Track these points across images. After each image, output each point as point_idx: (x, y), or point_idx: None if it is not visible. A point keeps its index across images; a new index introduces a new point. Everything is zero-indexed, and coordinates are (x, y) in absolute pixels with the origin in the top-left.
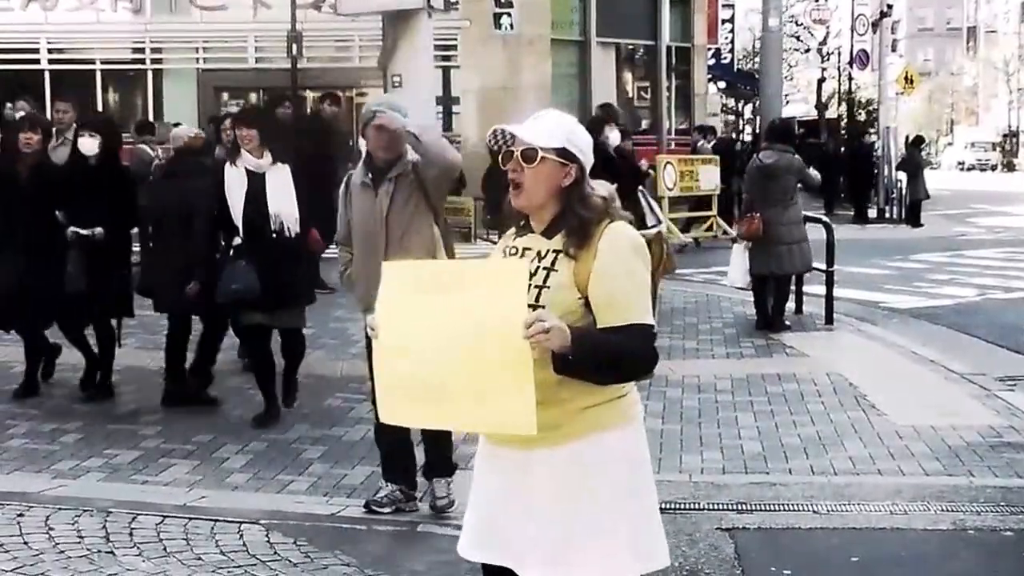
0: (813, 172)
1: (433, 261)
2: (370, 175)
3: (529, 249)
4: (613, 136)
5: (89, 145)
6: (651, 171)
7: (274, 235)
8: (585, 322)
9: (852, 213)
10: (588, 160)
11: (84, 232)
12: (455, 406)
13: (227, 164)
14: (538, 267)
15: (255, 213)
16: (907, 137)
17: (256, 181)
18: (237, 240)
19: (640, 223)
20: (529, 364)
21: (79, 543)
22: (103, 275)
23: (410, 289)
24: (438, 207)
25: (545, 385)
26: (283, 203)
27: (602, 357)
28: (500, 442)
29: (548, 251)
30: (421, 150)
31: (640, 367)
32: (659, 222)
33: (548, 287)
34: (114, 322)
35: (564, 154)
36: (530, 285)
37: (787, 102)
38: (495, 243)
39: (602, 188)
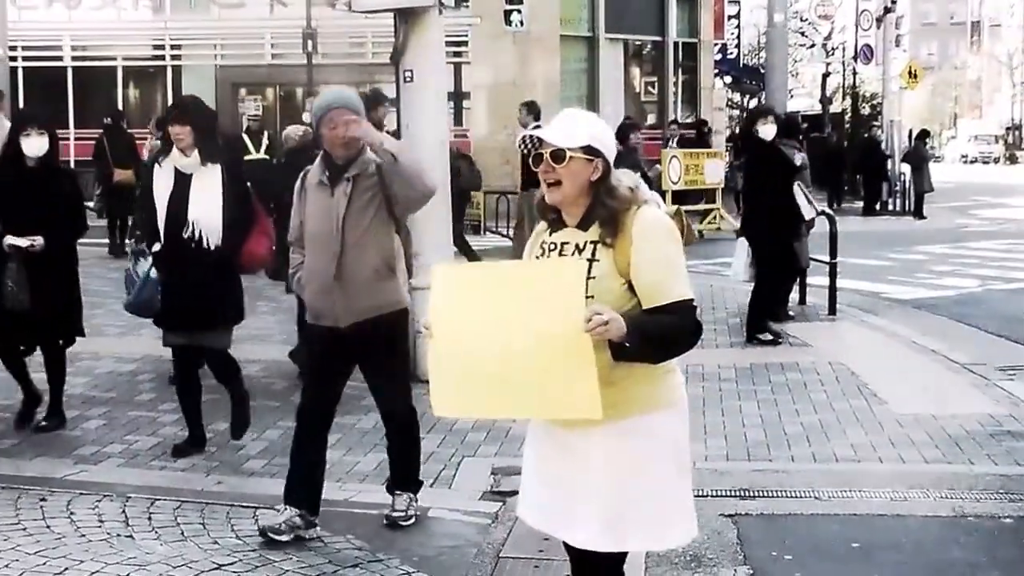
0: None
1: (485, 263)
2: (327, 173)
3: (567, 243)
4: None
5: (37, 145)
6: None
7: (192, 245)
8: (632, 305)
9: (860, 205)
10: (612, 153)
11: (21, 243)
12: (518, 396)
13: (155, 164)
14: (582, 260)
15: (175, 219)
16: (910, 131)
17: (182, 183)
18: (157, 246)
19: (795, 216)
20: (591, 354)
21: (99, 527)
22: (49, 292)
23: (464, 289)
24: (401, 220)
25: (599, 368)
26: (205, 210)
27: (655, 339)
28: (553, 421)
29: (586, 243)
30: (397, 170)
31: (689, 340)
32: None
33: (594, 277)
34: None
35: (589, 151)
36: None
37: (792, 96)
38: (503, 235)
39: (627, 178)
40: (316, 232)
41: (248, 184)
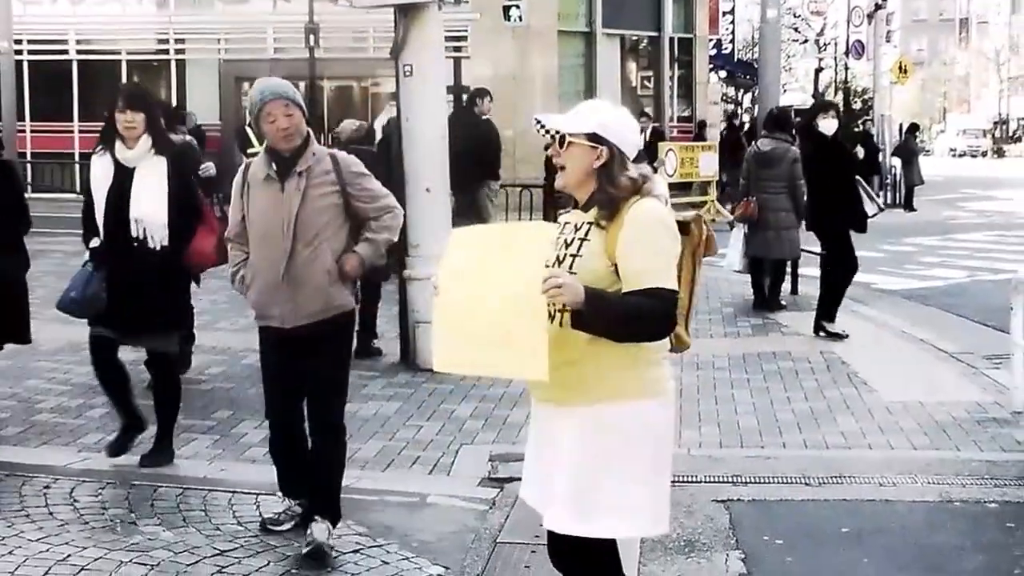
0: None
1: (486, 225)
2: (274, 167)
3: (569, 223)
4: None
5: None
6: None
7: (135, 244)
8: (615, 288)
9: None
10: (622, 143)
11: None
12: (487, 354)
13: (94, 154)
14: (574, 238)
15: (115, 215)
16: (900, 125)
17: (123, 176)
18: (95, 242)
19: (859, 211)
20: (544, 316)
21: (103, 514)
22: None
23: (462, 249)
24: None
25: (575, 343)
26: (149, 206)
27: (613, 315)
28: (539, 398)
29: (583, 223)
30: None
31: (651, 327)
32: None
33: (581, 255)
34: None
35: (594, 138)
36: (566, 254)
37: (785, 91)
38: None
39: (635, 169)
40: (264, 229)
41: (193, 177)
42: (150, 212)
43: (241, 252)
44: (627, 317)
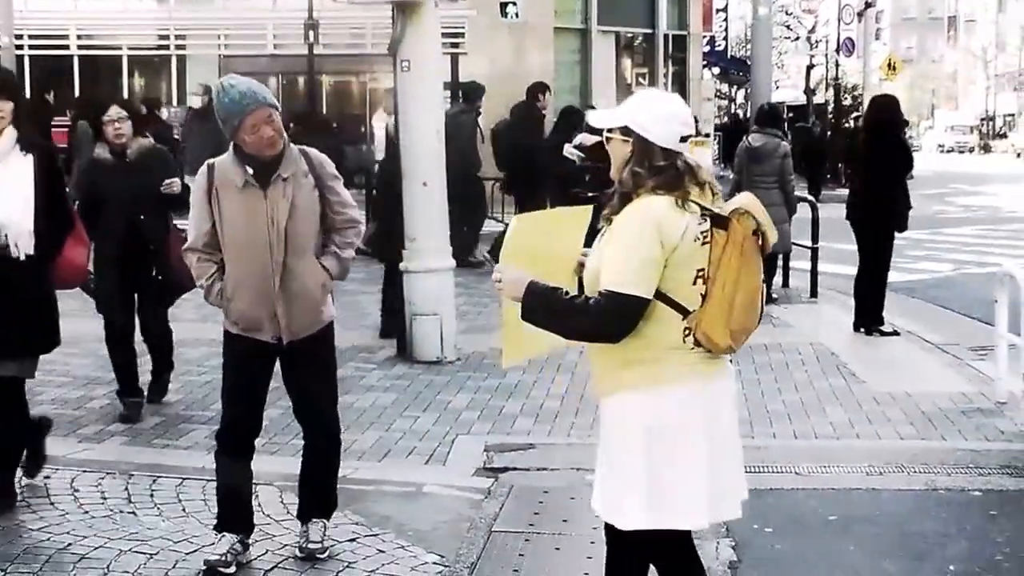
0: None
1: (541, 212)
2: (250, 170)
3: (607, 217)
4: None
5: None
6: None
7: None
8: None
9: (841, 192)
10: (649, 134)
11: None
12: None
13: None
14: (603, 234)
15: None
16: None
17: None
18: None
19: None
20: (505, 304)
21: (103, 504)
22: None
23: (516, 236)
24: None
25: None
26: (12, 210)
27: (547, 312)
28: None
29: (606, 218)
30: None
31: (585, 328)
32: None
33: (593, 249)
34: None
35: (626, 131)
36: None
37: (777, 87)
38: (497, 220)
39: (662, 161)
40: (246, 239)
41: (64, 178)
42: (14, 216)
43: (211, 263)
44: (559, 316)
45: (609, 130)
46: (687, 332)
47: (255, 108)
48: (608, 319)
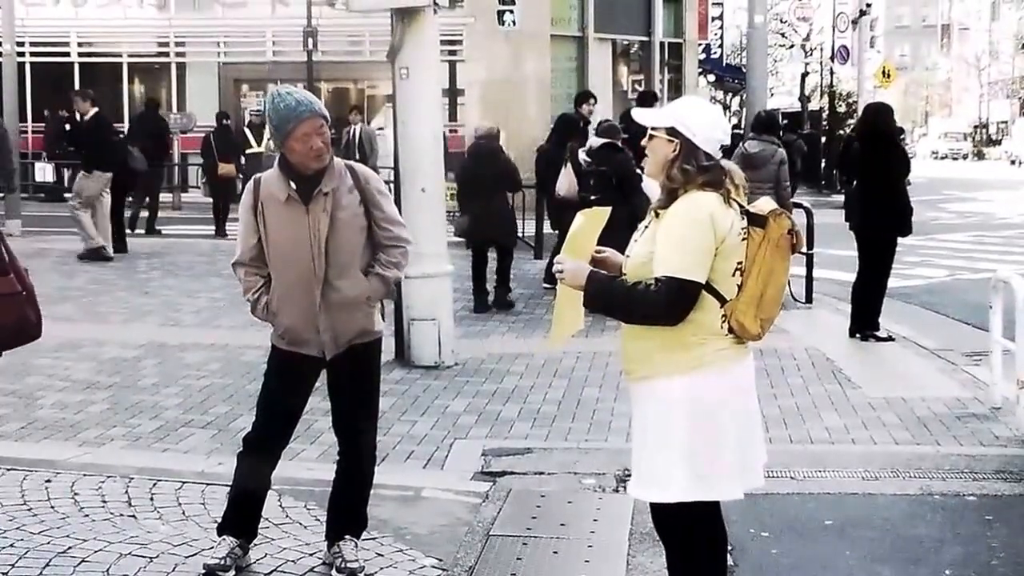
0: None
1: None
2: (294, 186)
3: (652, 210)
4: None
5: None
6: None
7: None
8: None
9: (836, 199)
10: (697, 137)
11: None
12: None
13: None
14: (648, 223)
15: None
16: None
17: None
18: None
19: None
20: (561, 292)
21: (103, 507)
22: None
23: (579, 231)
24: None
25: (632, 325)
26: None
27: (612, 301)
28: (623, 370)
29: (655, 211)
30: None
31: (646, 313)
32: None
33: (636, 240)
34: None
35: (672, 132)
36: (637, 238)
37: (772, 95)
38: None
39: (706, 162)
40: (289, 253)
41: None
42: None
43: (258, 277)
44: (621, 303)
45: (654, 128)
46: (723, 319)
47: (309, 117)
48: (671, 302)
